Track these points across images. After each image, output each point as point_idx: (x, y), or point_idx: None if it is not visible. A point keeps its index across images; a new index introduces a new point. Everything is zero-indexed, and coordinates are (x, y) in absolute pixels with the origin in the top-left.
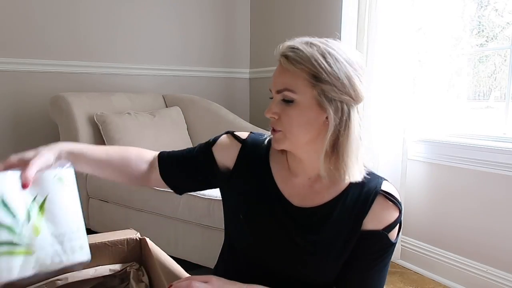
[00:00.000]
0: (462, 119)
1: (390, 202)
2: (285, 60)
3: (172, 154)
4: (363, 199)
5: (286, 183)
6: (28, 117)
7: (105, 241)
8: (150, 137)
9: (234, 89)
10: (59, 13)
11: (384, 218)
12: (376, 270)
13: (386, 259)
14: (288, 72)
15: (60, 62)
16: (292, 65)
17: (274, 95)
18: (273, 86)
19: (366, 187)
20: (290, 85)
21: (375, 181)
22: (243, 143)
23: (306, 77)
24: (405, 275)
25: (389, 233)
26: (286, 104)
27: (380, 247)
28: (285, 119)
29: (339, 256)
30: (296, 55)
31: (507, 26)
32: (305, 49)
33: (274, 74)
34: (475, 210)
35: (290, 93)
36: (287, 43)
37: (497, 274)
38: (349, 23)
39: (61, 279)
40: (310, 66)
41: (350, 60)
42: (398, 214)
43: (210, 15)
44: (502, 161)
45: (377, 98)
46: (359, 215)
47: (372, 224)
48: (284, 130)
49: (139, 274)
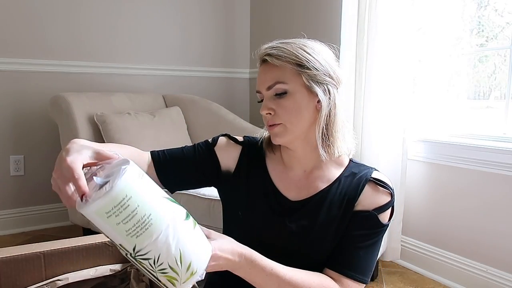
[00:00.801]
0: (462, 119)
1: (380, 187)
2: (270, 57)
3: (168, 153)
4: (354, 186)
5: (282, 179)
6: (28, 117)
7: (105, 241)
8: (150, 137)
9: (234, 89)
10: (59, 13)
11: (375, 201)
12: (364, 249)
13: (375, 239)
14: (275, 67)
15: (60, 62)
16: (277, 59)
17: (265, 93)
18: (261, 85)
19: (358, 175)
20: (280, 78)
21: (366, 170)
22: (243, 145)
23: (292, 67)
24: (405, 275)
25: (380, 214)
26: (279, 98)
27: (370, 226)
28: (282, 111)
29: (333, 240)
30: (278, 51)
31: (507, 26)
32: (284, 45)
33: (259, 75)
34: (475, 210)
35: (282, 84)
36: (264, 46)
37: (497, 274)
38: (349, 23)
39: (62, 279)
40: (294, 57)
41: (324, 50)
42: (390, 198)
43: (210, 15)
44: (502, 161)
45: (377, 98)
46: (350, 200)
47: (363, 205)
48: (284, 122)
49: (140, 274)
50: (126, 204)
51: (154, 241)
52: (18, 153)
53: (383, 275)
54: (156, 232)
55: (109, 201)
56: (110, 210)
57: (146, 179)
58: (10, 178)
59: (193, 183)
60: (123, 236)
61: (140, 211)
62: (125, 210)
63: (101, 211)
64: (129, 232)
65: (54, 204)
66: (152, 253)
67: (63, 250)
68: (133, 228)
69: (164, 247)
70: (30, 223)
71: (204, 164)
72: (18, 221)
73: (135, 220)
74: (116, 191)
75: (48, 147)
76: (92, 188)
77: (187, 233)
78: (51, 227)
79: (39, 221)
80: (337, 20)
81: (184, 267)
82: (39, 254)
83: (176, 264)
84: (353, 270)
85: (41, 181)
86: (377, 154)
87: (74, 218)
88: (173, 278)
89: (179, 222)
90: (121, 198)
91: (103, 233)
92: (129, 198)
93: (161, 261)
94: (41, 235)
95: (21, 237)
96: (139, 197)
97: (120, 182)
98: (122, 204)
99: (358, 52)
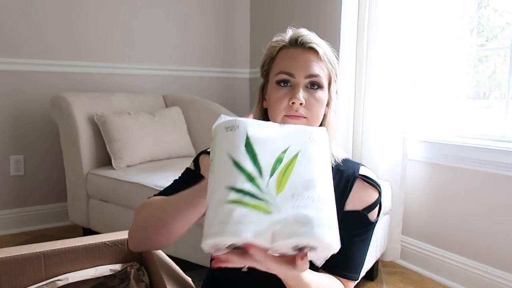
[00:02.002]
0: (462, 119)
1: (368, 184)
2: (320, 48)
3: (163, 192)
4: (343, 185)
5: None
6: (28, 117)
7: (105, 241)
8: (150, 137)
9: (234, 89)
10: (59, 13)
11: (364, 200)
12: (356, 249)
13: (365, 237)
14: (319, 59)
15: (60, 62)
16: (325, 55)
17: (301, 80)
18: (301, 71)
19: (345, 173)
20: (321, 73)
21: (353, 167)
22: None
23: (330, 68)
24: (405, 275)
25: (369, 213)
26: (312, 89)
27: (360, 226)
28: (314, 103)
29: None
30: (325, 48)
31: (507, 26)
32: (323, 43)
33: (297, 58)
34: (475, 210)
35: (322, 79)
36: (301, 30)
37: (497, 274)
38: (349, 23)
39: (62, 279)
40: (333, 61)
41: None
42: (378, 195)
43: (210, 15)
44: (502, 161)
45: (377, 98)
46: (340, 199)
47: (352, 205)
48: (310, 115)
49: (140, 274)
50: None
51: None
52: (18, 153)
53: (383, 275)
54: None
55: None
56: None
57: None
58: (10, 178)
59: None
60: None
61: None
62: None
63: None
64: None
65: (54, 204)
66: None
67: (63, 250)
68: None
69: None
70: (30, 223)
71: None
72: (18, 221)
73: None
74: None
75: (48, 147)
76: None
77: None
78: (51, 227)
79: (39, 221)
80: (337, 20)
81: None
82: (39, 254)
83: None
84: (346, 269)
85: (41, 181)
86: (377, 154)
87: (74, 218)
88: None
89: None
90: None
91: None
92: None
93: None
94: (41, 235)
95: (21, 237)
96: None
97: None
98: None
99: (358, 52)
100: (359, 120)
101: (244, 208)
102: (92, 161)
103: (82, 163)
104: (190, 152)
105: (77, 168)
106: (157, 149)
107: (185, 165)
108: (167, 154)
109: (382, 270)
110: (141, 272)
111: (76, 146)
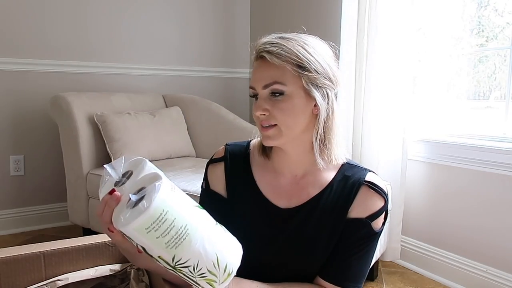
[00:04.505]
0: (462, 119)
1: (374, 191)
2: (269, 54)
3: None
4: (348, 191)
5: (272, 187)
6: (28, 117)
7: (105, 241)
8: (150, 137)
9: (234, 89)
10: (59, 13)
11: (368, 207)
12: (357, 258)
13: (368, 247)
14: (274, 65)
15: (60, 62)
16: (277, 58)
17: (261, 92)
18: (257, 83)
19: (351, 179)
20: (278, 78)
21: (360, 173)
22: (224, 160)
23: (292, 68)
24: (405, 275)
25: (373, 221)
26: (275, 98)
27: (363, 235)
28: (277, 112)
29: (326, 247)
30: (278, 49)
31: (507, 26)
32: (285, 42)
33: (255, 71)
34: (475, 210)
35: (279, 85)
36: (263, 39)
37: (497, 274)
38: (349, 23)
39: (61, 279)
40: (295, 57)
41: (325, 49)
42: (384, 204)
43: (210, 15)
44: (502, 161)
45: (377, 98)
46: (344, 206)
47: (356, 212)
48: (279, 124)
49: (139, 274)
50: (164, 219)
51: (192, 249)
52: (18, 153)
53: (383, 275)
54: (193, 241)
55: (148, 218)
56: (149, 226)
57: (177, 191)
58: (10, 178)
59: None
60: (163, 248)
61: (177, 223)
62: (163, 225)
63: (140, 228)
64: (168, 244)
65: (54, 204)
66: (191, 261)
67: (63, 250)
68: (172, 240)
69: (202, 253)
70: (30, 223)
71: (219, 207)
72: (18, 221)
73: (173, 232)
74: (153, 207)
75: (48, 147)
76: (126, 204)
77: (220, 237)
78: (51, 227)
79: (39, 221)
80: (337, 20)
81: (221, 269)
82: (39, 254)
83: (214, 267)
84: (347, 279)
85: (41, 181)
86: (377, 154)
87: (74, 218)
88: (212, 280)
89: (211, 227)
90: (159, 214)
91: (140, 246)
92: (166, 213)
93: (200, 266)
94: (41, 235)
95: (21, 237)
96: (174, 210)
97: (156, 199)
98: (160, 219)
99: (358, 52)
100: (359, 119)
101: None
102: (92, 161)
103: (82, 163)
104: (190, 152)
105: (77, 168)
106: (157, 149)
107: (185, 165)
108: (167, 154)
109: (382, 270)
110: (141, 272)
111: (76, 146)
